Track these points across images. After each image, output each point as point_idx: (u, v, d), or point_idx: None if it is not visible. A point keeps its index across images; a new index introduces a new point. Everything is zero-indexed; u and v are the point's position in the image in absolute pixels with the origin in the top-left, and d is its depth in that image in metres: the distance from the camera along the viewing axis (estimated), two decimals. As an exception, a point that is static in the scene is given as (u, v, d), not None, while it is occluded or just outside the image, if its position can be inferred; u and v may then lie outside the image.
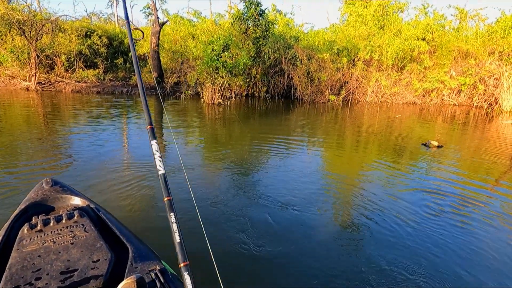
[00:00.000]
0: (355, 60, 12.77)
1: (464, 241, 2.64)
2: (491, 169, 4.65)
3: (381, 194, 3.56)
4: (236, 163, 4.46)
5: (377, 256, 2.41)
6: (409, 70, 12.85)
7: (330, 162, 4.94)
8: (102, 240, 1.31)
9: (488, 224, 2.96)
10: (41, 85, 11.25)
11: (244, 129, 6.99)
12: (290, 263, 2.29)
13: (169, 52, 13.83)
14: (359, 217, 3.02)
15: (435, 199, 3.46)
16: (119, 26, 27.96)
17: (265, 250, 2.42)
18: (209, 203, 3.13)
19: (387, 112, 10.69)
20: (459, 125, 8.72)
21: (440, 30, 13.30)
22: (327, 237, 2.68)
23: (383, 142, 6.25)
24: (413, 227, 2.84)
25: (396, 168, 4.51)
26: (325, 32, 16.30)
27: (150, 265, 1.23)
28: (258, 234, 2.63)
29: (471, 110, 12.12)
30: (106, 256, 1.23)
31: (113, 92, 11.69)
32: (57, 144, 4.95)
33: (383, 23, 13.83)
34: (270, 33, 11.91)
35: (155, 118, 7.92)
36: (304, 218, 2.96)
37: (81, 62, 13.06)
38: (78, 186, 2.52)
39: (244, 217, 2.91)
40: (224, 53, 8.93)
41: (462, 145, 6.36)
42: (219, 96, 9.64)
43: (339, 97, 12.24)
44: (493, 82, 12.02)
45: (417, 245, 2.57)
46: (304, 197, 3.42)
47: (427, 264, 2.33)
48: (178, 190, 3.34)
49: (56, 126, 6.11)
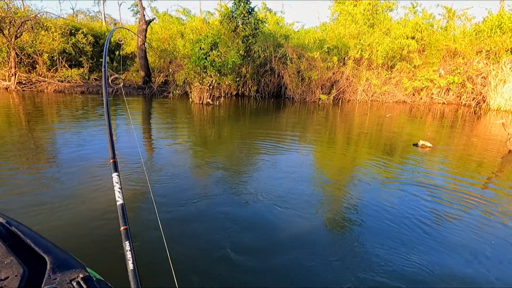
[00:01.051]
0: (346, 59, 12.72)
1: (458, 239, 2.53)
2: (483, 167, 4.60)
3: (371, 194, 3.45)
4: (223, 164, 4.27)
5: (366, 255, 2.36)
6: (399, 69, 12.87)
7: (320, 162, 4.80)
8: (12, 255, 1.19)
9: (485, 222, 2.86)
10: (21, 85, 10.81)
11: (232, 130, 6.80)
12: (278, 264, 2.23)
13: (157, 51, 13.52)
14: (347, 217, 2.93)
15: (427, 197, 3.35)
16: (106, 24, 27.35)
17: (248, 251, 2.34)
18: (193, 203, 2.95)
19: (377, 111, 10.66)
20: (448, 124, 8.73)
21: (429, 29, 13.37)
22: (316, 236, 2.64)
23: (374, 142, 6.16)
24: (406, 225, 2.73)
25: (387, 168, 4.41)
26: (315, 31, 16.24)
27: (71, 274, 1.14)
28: (244, 232, 2.57)
29: (459, 108, 12.22)
30: (18, 271, 1.11)
31: (98, 91, 11.32)
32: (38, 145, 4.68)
33: (372, 21, 13.83)
34: (260, 31, 11.72)
35: (142, 118, 7.66)
36: (294, 219, 2.87)
37: (65, 61, 12.61)
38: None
39: (230, 216, 2.84)
40: (212, 52, 8.70)
41: (452, 144, 6.32)
42: (207, 95, 9.40)
43: (330, 96, 12.16)
44: (480, 81, 12.13)
45: (410, 244, 2.49)
46: (294, 198, 3.29)
47: (422, 262, 2.29)
48: (160, 190, 3.14)
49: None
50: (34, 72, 11.76)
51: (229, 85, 11.77)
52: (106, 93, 1.59)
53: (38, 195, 3.09)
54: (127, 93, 11.62)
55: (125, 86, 12.32)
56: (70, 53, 13.08)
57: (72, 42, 13.29)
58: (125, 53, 16.38)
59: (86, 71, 13.05)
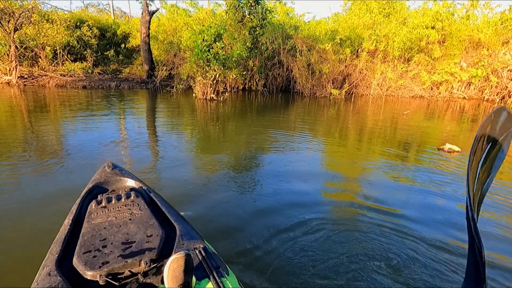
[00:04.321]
0: (359, 51, 11.95)
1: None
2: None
3: (388, 199, 2.95)
4: (227, 168, 3.80)
5: (379, 257, 2.21)
6: (417, 61, 12.03)
7: (329, 163, 4.26)
8: (154, 218, 1.50)
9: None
10: (23, 79, 10.55)
11: (236, 130, 6.31)
12: (288, 259, 2.16)
13: (163, 43, 13.03)
14: (358, 220, 2.69)
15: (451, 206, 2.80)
16: (115, 16, 27.02)
17: (266, 247, 2.28)
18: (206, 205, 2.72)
19: (393, 107, 9.95)
20: (471, 121, 8.00)
21: (450, 18, 12.40)
22: (327, 235, 2.49)
23: (390, 143, 5.55)
24: (421, 236, 2.22)
25: (404, 172, 3.84)
26: (326, 22, 15.41)
27: (194, 243, 1.37)
28: (259, 231, 2.50)
29: (481, 103, 11.36)
30: (158, 232, 1.39)
31: (100, 86, 10.97)
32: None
33: (388, 11, 12.95)
34: (268, 22, 11.07)
35: (137, 117, 7.24)
36: (306, 218, 2.71)
37: (67, 55, 12.28)
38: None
39: (243, 216, 2.73)
40: (215, 44, 8.15)
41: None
42: (211, 90, 8.89)
43: (342, 91, 11.47)
44: (507, 74, 11.21)
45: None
46: (305, 201, 3.07)
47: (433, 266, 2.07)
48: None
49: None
50: (36, 66, 11.48)
51: (235, 79, 11.23)
52: None
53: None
54: (130, 87, 11.24)
55: (128, 80, 11.94)
56: (74, 46, 12.76)
57: (76, 35, 12.96)
58: (131, 46, 16.02)
59: (90, 65, 12.73)
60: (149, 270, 1.26)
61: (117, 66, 14.37)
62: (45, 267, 1.22)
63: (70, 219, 1.52)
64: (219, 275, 1.17)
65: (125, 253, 1.26)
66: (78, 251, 1.27)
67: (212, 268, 1.20)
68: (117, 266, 1.21)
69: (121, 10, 35.63)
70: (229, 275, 1.24)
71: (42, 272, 1.19)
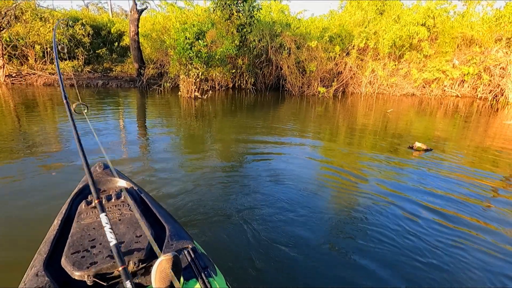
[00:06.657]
0: (349, 48, 11.82)
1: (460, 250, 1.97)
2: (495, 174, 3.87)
3: (368, 195, 2.88)
4: (210, 166, 3.74)
5: (369, 257, 2.24)
6: (408, 59, 11.89)
7: (313, 164, 4.19)
8: (144, 219, 1.45)
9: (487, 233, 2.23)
10: (11, 77, 10.56)
11: (220, 128, 6.24)
12: (279, 262, 2.13)
13: (156, 42, 12.96)
14: (347, 217, 2.70)
15: (422, 203, 2.72)
16: (114, 14, 27.00)
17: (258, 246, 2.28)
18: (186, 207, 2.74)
19: (382, 106, 9.83)
20: (461, 119, 7.87)
21: (442, 15, 12.21)
22: (316, 235, 2.49)
23: (367, 143, 5.47)
24: (406, 233, 2.15)
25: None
26: (322, 19, 15.26)
27: (184, 244, 1.37)
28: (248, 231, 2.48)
29: (474, 101, 11.20)
30: (147, 232, 1.33)
31: (88, 84, 10.95)
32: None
33: (383, 8, 12.78)
34: (256, 20, 10.97)
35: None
36: (294, 221, 2.68)
37: (59, 53, 12.25)
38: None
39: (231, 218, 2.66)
40: (198, 42, 8.07)
41: (459, 146, 5.55)
42: (195, 89, 8.83)
43: (330, 89, 11.35)
44: (499, 72, 11.03)
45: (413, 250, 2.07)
46: (292, 201, 3.03)
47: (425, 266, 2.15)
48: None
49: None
50: (26, 65, 11.48)
51: (224, 78, 11.16)
52: (74, 124, 1.53)
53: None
54: (118, 85, 11.21)
55: (117, 79, 11.92)
56: (66, 44, 12.73)
57: (69, 33, 12.94)
58: (125, 44, 15.99)
59: (80, 63, 12.71)
60: (137, 270, 1.27)
61: (110, 64, 14.36)
62: (33, 267, 1.22)
63: (59, 219, 1.52)
64: (206, 275, 1.18)
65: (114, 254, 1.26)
66: (67, 252, 1.27)
67: (200, 268, 1.21)
68: (106, 266, 1.21)
69: (121, 9, 35.61)
70: (217, 275, 1.25)
71: (30, 272, 1.20)
